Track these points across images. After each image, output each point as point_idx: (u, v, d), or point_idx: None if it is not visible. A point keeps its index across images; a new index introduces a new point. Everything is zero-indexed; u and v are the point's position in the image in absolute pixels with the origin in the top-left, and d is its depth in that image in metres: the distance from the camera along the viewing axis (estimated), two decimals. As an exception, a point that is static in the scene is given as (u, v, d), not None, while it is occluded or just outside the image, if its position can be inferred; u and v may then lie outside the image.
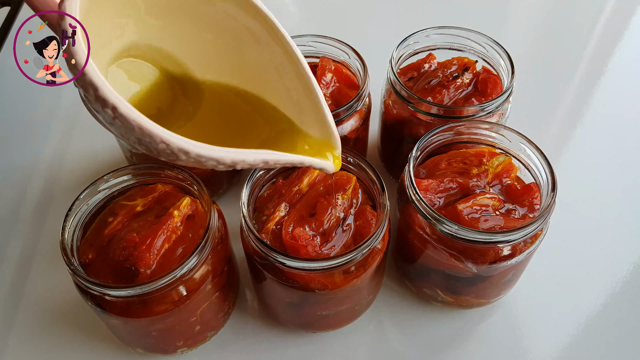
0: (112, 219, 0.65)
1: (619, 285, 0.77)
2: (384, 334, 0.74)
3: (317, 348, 0.72)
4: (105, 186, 0.66)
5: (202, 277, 0.62)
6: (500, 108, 0.74)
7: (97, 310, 0.61)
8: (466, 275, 0.66)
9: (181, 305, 0.60)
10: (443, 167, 0.70)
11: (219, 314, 0.70)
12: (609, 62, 1.11)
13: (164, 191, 0.68)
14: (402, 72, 0.83)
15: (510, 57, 0.77)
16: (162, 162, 0.67)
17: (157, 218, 0.64)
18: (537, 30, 1.23)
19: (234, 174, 0.89)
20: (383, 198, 0.63)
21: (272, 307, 0.72)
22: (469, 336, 0.74)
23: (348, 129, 0.76)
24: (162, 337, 0.66)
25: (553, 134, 0.99)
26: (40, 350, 0.72)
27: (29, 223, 0.86)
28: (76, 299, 0.65)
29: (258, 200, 0.69)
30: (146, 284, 0.56)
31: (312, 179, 0.68)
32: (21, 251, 0.82)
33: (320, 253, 0.62)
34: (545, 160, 0.65)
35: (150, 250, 0.60)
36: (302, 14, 1.28)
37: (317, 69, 0.80)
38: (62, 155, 0.95)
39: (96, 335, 0.73)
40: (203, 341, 0.71)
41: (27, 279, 0.79)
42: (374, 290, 0.72)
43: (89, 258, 0.62)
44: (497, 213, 0.64)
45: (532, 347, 0.72)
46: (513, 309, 0.75)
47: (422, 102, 0.73)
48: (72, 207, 0.63)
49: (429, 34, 0.82)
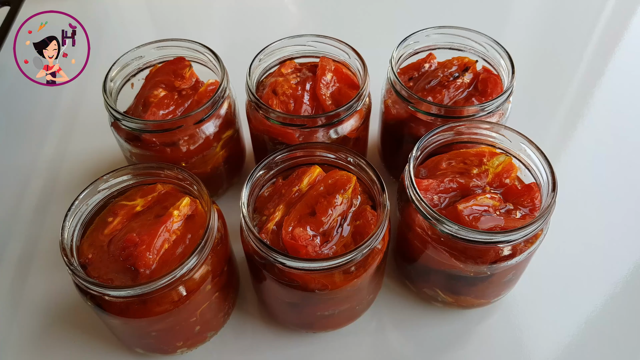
0: (111, 218, 0.65)
1: (619, 285, 0.77)
2: (384, 334, 0.74)
3: (317, 348, 0.72)
4: (105, 186, 0.66)
5: (202, 277, 0.62)
6: (500, 108, 0.74)
7: (96, 310, 0.61)
8: (466, 275, 0.65)
9: (181, 305, 0.60)
10: (443, 167, 0.70)
11: (219, 314, 0.70)
12: (609, 62, 1.11)
13: (164, 191, 0.68)
14: (402, 72, 0.83)
15: (511, 56, 0.76)
16: (162, 162, 0.68)
17: (156, 218, 0.64)
18: (538, 30, 1.23)
19: (233, 174, 0.89)
20: (383, 198, 0.63)
21: (272, 307, 0.72)
22: (469, 336, 0.73)
23: (348, 129, 0.76)
24: (162, 337, 0.66)
25: (553, 134, 0.99)
26: (39, 350, 0.72)
27: (29, 223, 0.86)
28: (76, 299, 0.65)
29: (258, 200, 0.69)
30: (146, 284, 0.56)
31: (312, 179, 0.68)
32: (21, 251, 0.82)
33: (320, 253, 0.62)
34: (546, 160, 0.65)
35: (150, 250, 0.60)
36: (302, 14, 1.28)
37: (317, 69, 0.80)
38: (62, 155, 0.95)
39: (96, 335, 0.73)
40: (203, 341, 0.71)
41: (27, 279, 0.79)
42: (374, 290, 0.72)
43: (88, 258, 0.62)
44: (498, 213, 0.64)
45: (532, 347, 0.72)
46: (513, 309, 0.75)
47: (422, 102, 0.73)
48: (71, 207, 0.63)
49: (429, 33, 0.82)
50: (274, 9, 1.29)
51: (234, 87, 0.81)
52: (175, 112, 0.77)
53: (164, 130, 0.73)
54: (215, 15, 1.26)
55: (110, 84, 0.77)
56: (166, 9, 1.28)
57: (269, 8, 1.28)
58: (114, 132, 0.77)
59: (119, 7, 1.29)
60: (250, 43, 0.87)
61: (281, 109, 0.76)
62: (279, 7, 1.29)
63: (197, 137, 0.76)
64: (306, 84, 0.78)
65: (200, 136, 0.76)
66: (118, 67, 0.78)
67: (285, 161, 0.69)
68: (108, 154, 0.93)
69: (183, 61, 0.81)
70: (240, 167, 0.90)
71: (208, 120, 0.75)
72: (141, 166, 0.67)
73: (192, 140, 0.76)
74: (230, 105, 0.80)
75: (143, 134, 0.74)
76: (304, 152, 0.70)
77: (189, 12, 1.26)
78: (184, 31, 1.13)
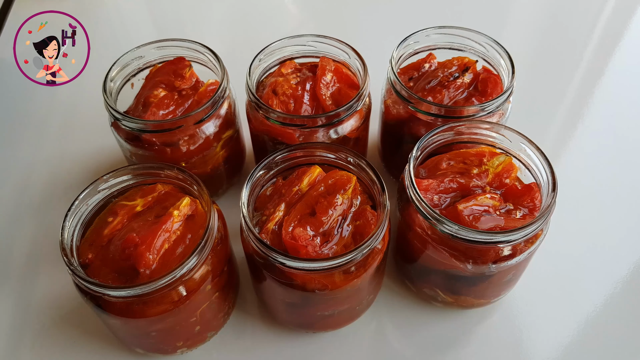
0: (112, 218, 0.65)
1: (619, 285, 0.77)
2: (384, 334, 0.74)
3: (317, 348, 0.72)
4: (105, 186, 0.66)
5: (201, 277, 0.62)
6: (500, 108, 0.74)
7: (96, 310, 0.61)
8: (466, 275, 0.65)
9: (181, 305, 0.60)
10: (443, 167, 0.70)
11: (218, 314, 0.70)
12: (609, 62, 1.11)
13: (164, 191, 0.68)
14: (402, 72, 0.83)
15: (511, 56, 0.76)
16: (162, 162, 0.68)
17: (157, 218, 0.64)
18: (538, 30, 1.23)
19: (234, 174, 0.89)
20: (383, 198, 0.63)
21: (272, 307, 0.72)
22: (469, 336, 0.73)
23: (348, 129, 0.76)
24: (162, 337, 0.66)
25: (553, 134, 0.99)
26: (40, 349, 0.72)
27: (29, 223, 0.86)
28: (76, 299, 0.65)
29: (258, 200, 0.69)
30: (146, 284, 0.56)
31: (312, 179, 0.68)
32: (21, 251, 0.82)
33: (320, 253, 0.62)
34: (546, 160, 0.65)
35: (150, 250, 0.60)
36: (302, 14, 1.28)
37: (317, 69, 0.80)
38: (62, 155, 0.95)
39: (96, 335, 0.73)
40: (203, 341, 0.71)
41: (27, 279, 0.79)
42: (374, 290, 0.72)
43: (88, 258, 0.62)
44: (498, 213, 0.64)
45: (532, 347, 0.72)
46: (513, 309, 0.75)
47: (422, 102, 0.73)
48: (71, 207, 0.63)
49: (429, 33, 0.82)
50: (274, 9, 1.28)
51: (234, 87, 0.81)
52: (175, 112, 0.77)
53: (164, 130, 0.73)
54: (215, 15, 1.26)
55: (110, 84, 0.77)
56: (166, 9, 1.28)
57: (269, 8, 1.28)
58: (114, 132, 0.77)
59: (119, 7, 1.29)
60: (250, 43, 0.87)
61: (281, 109, 0.76)
62: (279, 7, 1.29)
63: (197, 137, 0.76)
64: (306, 84, 0.78)
65: (200, 136, 0.76)
66: (118, 67, 0.78)
67: (285, 161, 0.69)
68: (108, 154, 0.93)
69: (183, 61, 0.81)
70: (240, 167, 0.90)
71: (208, 120, 0.75)
72: (141, 166, 0.67)
73: (192, 140, 0.76)
74: (230, 105, 0.80)
75: (143, 134, 0.74)
76: (304, 152, 0.70)
77: (189, 12, 1.26)
78: (184, 31, 1.14)
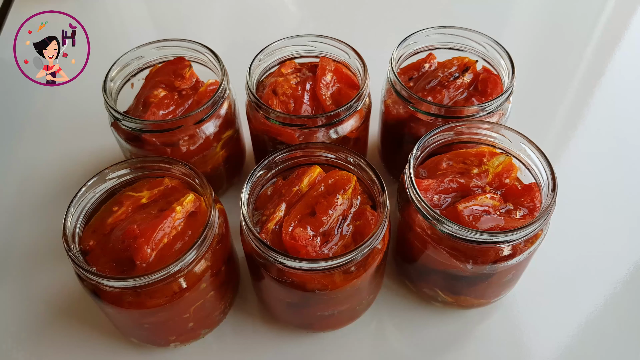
0: (117, 208, 0.66)
1: (619, 285, 0.77)
2: (384, 334, 0.74)
3: (317, 348, 0.72)
4: (113, 175, 0.67)
5: (197, 275, 0.62)
6: (500, 108, 0.74)
7: (93, 298, 0.61)
8: (466, 275, 0.65)
9: (174, 301, 0.61)
10: (443, 167, 0.70)
11: (214, 313, 0.70)
12: (609, 62, 1.11)
13: (171, 185, 0.68)
14: (402, 72, 0.83)
15: (511, 56, 0.76)
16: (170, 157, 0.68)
17: (160, 212, 0.64)
18: (538, 30, 1.23)
19: (233, 174, 0.89)
20: (383, 198, 0.63)
21: (271, 307, 0.72)
22: (469, 336, 0.73)
23: (348, 129, 0.76)
24: (155, 330, 0.67)
25: (553, 134, 0.99)
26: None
27: (29, 223, 0.86)
28: (77, 290, 0.65)
29: (258, 200, 0.69)
30: (140, 276, 0.57)
31: (312, 179, 0.68)
32: (21, 251, 0.82)
33: (320, 253, 0.62)
34: (546, 160, 0.65)
35: (148, 243, 0.60)
36: (302, 14, 1.28)
37: (317, 69, 0.80)
38: (62, 155, 0.95)
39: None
40: (196, 338, 0.72)
41: (28, 277, 0.79)
42: (374, 290, 0.72)
43: (89, 245, 0.62)
44: (498, 213, 0.64)
45: (532, 347, 0.72)
46: (513, 309, 0.75)
47: (422, 102, 0.73)
48: (77, 194, 0.63)
49: (429, 33, 0.82)
50: (274, 9, 1.28)
51: (234, 87, 0.81)
52: (175, 112, 0.77)
53: (164, 130, 0.73)
54: (215, 15, 1.26)
55: (110, 84, 0.77)
56: (166, 9, 1.28)
57: (269, 8, 1.28)
58: (114, 132, 0.77)
59: (119, 7, 1.29)
60: (250, 43, 0.87)
61: (281, 109, 0.76)
62: (279, 7, 1.29)
63: (197, 137, 0.76)
64: (306, 84, 0.78)
65: (200, 136, 0.76)
66: (118, 67, 0.78)
67: (285, 161, 0.69)
68: (108, 154, 0.93)
69: (183, 61, 0.81)
70: (240, 167, 0.90)
71: (208, 120, 0.75)
72: (151, 159, 0.68)
73: (192, 140, 0.76)
74: (230, 105, 0.80)
75: (143, 134, 0.74)
76: (304, 152, 0.70)
77: (189, 12, 1.26)
78: (184, 31, 1.13)
